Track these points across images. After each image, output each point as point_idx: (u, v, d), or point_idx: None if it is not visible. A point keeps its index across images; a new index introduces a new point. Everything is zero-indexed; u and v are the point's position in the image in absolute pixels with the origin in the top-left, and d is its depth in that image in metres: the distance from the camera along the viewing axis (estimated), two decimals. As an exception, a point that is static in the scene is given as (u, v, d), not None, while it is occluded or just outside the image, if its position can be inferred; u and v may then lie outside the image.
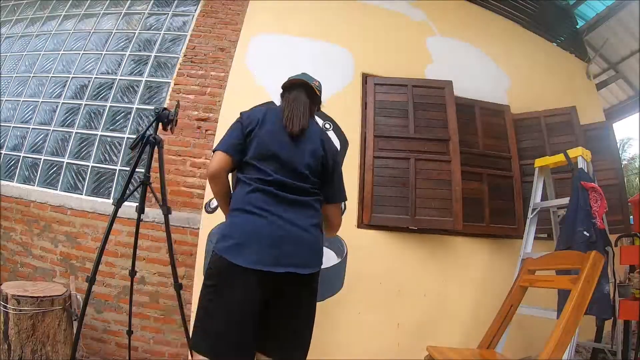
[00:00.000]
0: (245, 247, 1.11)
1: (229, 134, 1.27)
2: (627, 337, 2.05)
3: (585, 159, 1.96)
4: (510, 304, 1.67)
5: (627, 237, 2.63)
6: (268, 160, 1.21)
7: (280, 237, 1.13)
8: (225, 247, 1.13)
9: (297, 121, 1.26)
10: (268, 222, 1.14)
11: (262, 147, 1.22)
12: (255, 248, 1.11)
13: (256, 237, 1.13)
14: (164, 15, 2.85)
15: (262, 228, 1.14)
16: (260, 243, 1.12)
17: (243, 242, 1.13)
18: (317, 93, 1.45)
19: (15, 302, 1.59)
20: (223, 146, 1.24)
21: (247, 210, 1.16)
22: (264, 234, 1.13)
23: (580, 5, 4.17)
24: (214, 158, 1.24)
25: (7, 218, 2.46)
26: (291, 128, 1.25)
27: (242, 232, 1.14)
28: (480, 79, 3.00)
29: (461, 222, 2.25)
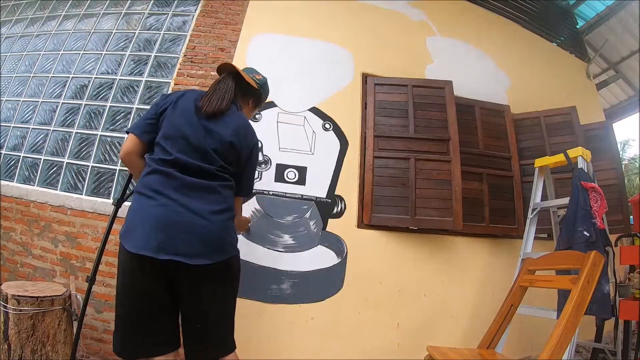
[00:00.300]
0: (132, 232, 1.05)
1: (143, 115, 1.24)
2: (627, 337, 2.05)
3: (585, 159, 1.96)
4: (510, 304, 1.67)
5: (627, 237, 2.63)
6: (174, 139, 1.14)
7: (168, 221, 1.04)
8: (121, 232, 1.08)
9: (214, 101, 1.19)
10: (157, 204, 1.06)
11: (170, 126, 1.16)
12: (140, 232, 1.03)
13: (141, 221, 1.05)
14: (164, 15, 2.85)
15: (149, 210, 1.06)
16: (144, 226, 1.03)
17: (131, 226, 1.06)
18: (252, 84, 1.37)
19: (15, 302, 1.59)
20: (133, 127, 1.21)
21: (140, 192, 1.10)
22: (149, 217, 1.05)
23: (580, 5, 4.17)
24: (125, 140, 1.21)
25: (7, 218, 2.46)
26: (205, 108, 1.17)
27: (131, 216, 1.08)
28: (480, 79, 3.00)
29: (461, 222, 2.25)
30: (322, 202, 2.28)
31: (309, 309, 2.11)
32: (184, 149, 1.13)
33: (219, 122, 1.19)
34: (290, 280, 2.12)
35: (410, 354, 2.16)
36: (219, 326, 1.15)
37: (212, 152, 1.15)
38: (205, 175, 1.13)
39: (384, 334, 2.21)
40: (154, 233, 1.02)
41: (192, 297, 1.09)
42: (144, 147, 1.20)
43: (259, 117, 2.34)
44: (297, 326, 2.08)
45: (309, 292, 2.13)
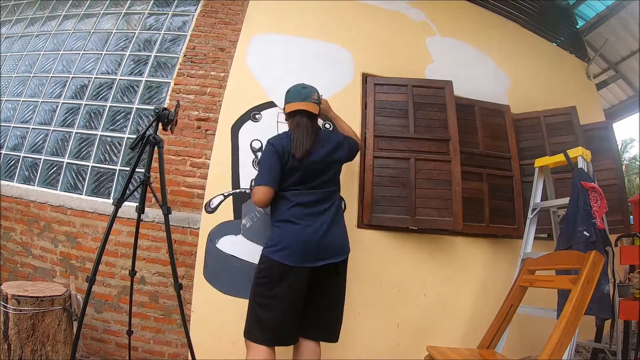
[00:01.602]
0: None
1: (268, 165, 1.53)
2: (627, 337, 2.05)
3: (585, 159, 1.96)
4: (510, 304, 1.67)
5: (627, 237, 2.63)
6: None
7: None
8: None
9: (300, 146, 1.48)
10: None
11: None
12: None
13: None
14: (164, 15, 2.85)
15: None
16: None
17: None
18: (318, 107, 1.64)
19: (15, 302, 1.59)
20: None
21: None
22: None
23: (580, 5, 4.17)
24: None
25: (7, 218, 2.46)
26: (298, 155, 1.47)
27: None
28: (480, 79, 3.00)
29: (461, 222, 2.25)
30: (322, 202, 2.28)
31: (309, 309, 2.11)
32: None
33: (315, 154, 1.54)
34: (290, 280, 2.12)
35: (410, 354, 2.16)
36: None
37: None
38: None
39: (384, 334, 2.21)
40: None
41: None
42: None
43: (259, 117, 2.34)
44: (297, 326, 2.08)
45: (309, 292, 2.13)
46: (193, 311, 1.98)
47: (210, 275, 2.01)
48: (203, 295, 1.99)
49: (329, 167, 1.57)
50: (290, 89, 1.67)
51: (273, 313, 1.38)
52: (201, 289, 2.00)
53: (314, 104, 1.62)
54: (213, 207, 2.09)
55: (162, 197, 1.64)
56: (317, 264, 1.40)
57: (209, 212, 2.09)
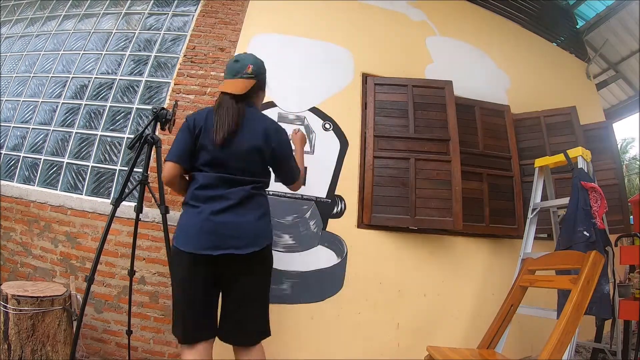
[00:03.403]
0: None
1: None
2: (627, 337, 2.05)
3: (585, 159, 1.96)
4: (510, 304, 1.67)
5: (627, 237, 2.63)
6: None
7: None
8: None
9: (219, 132, 1.32)
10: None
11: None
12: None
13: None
14: (164, 15, 2.85)
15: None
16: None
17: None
18: (248, 85, 1.40)
19: (15, 302, 1.59)
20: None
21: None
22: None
23: (580, 5, 4.17)
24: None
25: (7, 218, 2.46)
26: (217, 140, 1.31)
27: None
28: (480, 79, 3.00)
29: (461, 222, 2.25)
30: (322, 202, 2.28)
31: (309, 309, 2.11)
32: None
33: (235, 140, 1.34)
34: (290, 280, 2.12)
35: (410, 354, 2.16)
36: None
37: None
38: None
39: (384, 334, 2.21)
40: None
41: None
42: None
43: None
44: (297, 326, 2.08)
45: (309, 292, 2.13)
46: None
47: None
48: (203, 295, 1.98)
49: (248, 153, 1.35)
50: (227, 64, 1.48)
51: (179, 305, 1.28)
52: (201, 289, 1.99)
53: (245, 79, 1.39)
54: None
55: (159, 196, 1.64)
56: (214, 253, 1.22)
57: (209, 212, 2.09)
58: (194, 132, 1.34)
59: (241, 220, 1.30)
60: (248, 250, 1.27)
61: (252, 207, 1.33)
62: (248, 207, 1.32)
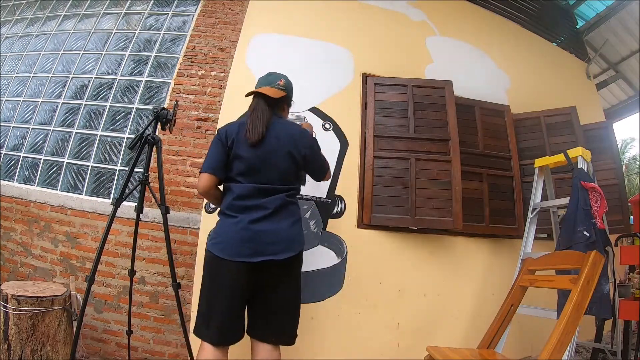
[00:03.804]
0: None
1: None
2: (627, 337, 2.05)
3: (585, 159, 1.96)
4: (510, 304, 1.67)
5: (627, 237, 2.63)
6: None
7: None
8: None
9: (254, 132, 1.39)
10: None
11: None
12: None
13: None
14: (164, 15, 2.85)
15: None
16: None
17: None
18: (280, 95, 1.52)
19: (15, 302, 1.59)
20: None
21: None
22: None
23: (580, 5, 4.17)
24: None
25: (7, 218, 2.46)
26: (250, 139, 1.38)
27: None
28: (480, 79, 3.00)
29: (461, 222, 2.25)
30: (322, 202, 2.28)
31: (309, 309, 2.11)
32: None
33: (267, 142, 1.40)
34: (290, 280, 2.12)
35: (410, 354, 2.15)
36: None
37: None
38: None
39: (384, 334, 2.20)
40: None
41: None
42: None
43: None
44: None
45: (309, 292, 2.13)
46: (193, 311, 1.97)
47: (210, 275, 2.01)
48: (203, 295, 1.98)
49: (280, 160, 1.41)
50: (259, 79, 1.60)
51: (213, 308, 1.34)
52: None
53: (277, 89, 1.51)
54: (213, 207, 2.09)
55: (160, 196, 1.64)
56: (254, 260, 1.30)
57: (209, 212, 2.09)
58: (227, 143, 1.41)
59: (277, 228, 1.37)
60: (285, 255, 1.34)
61: (286, 214, 1.40)
62: (283, 215, 1.39)
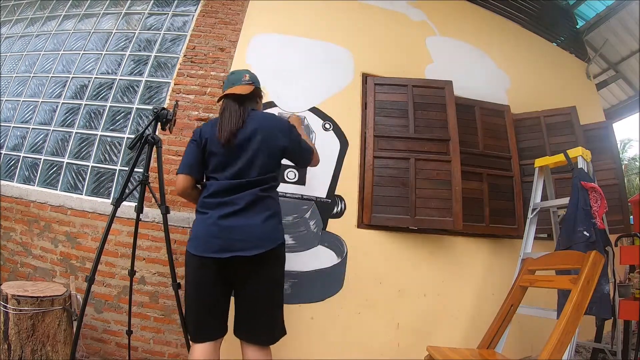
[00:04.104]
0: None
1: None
2: (627, 337, 2.05)
3: (585, 159, 1.96)
4: (510, 304, 1.67)
5: (627, 237, 2.63)
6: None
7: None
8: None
9: (223, 131, 1.39)
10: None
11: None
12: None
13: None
14: (164, 15, 2.85)
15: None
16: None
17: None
18: (248, 89, 1.52)
19: (15, 302, 1.59)
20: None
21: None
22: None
23: (580, 5, 4.17)
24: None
25: (7, 218, 2.46)
26: (222, 138, 1.38)
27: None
28: (480, 79, 3.00)
29: (461, 222, 2.25)
30: (322, 202, 2.28)
31: (309, 309, 2.11)
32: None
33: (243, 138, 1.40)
34: (290, 280, 2.12)
35: (410, 354, 2.16)
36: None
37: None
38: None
39: (384, 334, 2.21)
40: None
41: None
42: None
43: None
44: (297, 326, 2.08)
45: (309, 292, 2.13)
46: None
47: (210, 275, 2.01)
48: (203, 295, 1.98)
49: (255, 154, 1.39)
50: (224, 81, 1.61)
51: (190, 305, 1.36)
52: (201, 289, 1.99)
53: (244, 85, 1.51)
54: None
55: (160, 196, 1.64)
56: (222, 255, 1.28)
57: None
58: (201, 142, 1.42)
59: (247, 223, 1.34)
60: (256, 252, 1.31)
61: (259, 209, 1.37)
62: (255, 210, 1.36)
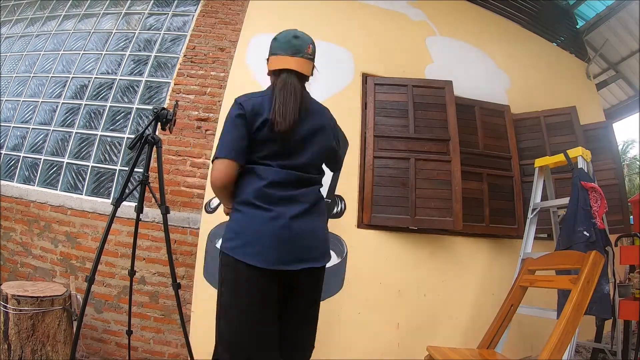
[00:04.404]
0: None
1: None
2: (627, 337, 2.05)
3: (585, 159, 1.96)
4: (510, 304, 1.67)
5: (627, 237, 2.63)
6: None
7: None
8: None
9: (285, 116, 1.09)
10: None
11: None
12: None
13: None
14: (164, 15, 2.85)
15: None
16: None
17: None
18: (311, 66, 1.25)
19: (15, 302, 1.59)
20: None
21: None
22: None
23: (580, 5, 4.17)
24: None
25: (7, 218, 2.46)
26: (282, 126, 1.07)
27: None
28: (480, 79, 3.00)
29: (461, 222, 2.25)
30: (322, 202, 2.28)
31: (309, 309, 2.11)
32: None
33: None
34: (290, 280, 2.11)
35: (410, 354, 2.15)
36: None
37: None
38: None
39: (384, 334, 2.20)
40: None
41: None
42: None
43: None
44: (297, 326, 2.08)
45: (309, 292, 2.13)
46: (193, 311, 1.98)
47: (210, 275, 2.01)
48: (203, 295, 1.99)
49: (316, 145, 1.17)
50: (278, 37, 1.23)
51: (242, 333, 1.01)
52: (201, 289, 2.00)
53: (307, 59, 1.21)
54: (213, 207, 2.09)
55: (160, 196, 1.64)
56: (296, 267, 1.03)
57: (209, 212, 2.09)
58: (254, 120, 1.08)
59: (315, 228, 1.13)
60: (324, 262, 1.13)
61: (320, 211, 1.17)
62: (317, 212, 1.15)
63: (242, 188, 1.11)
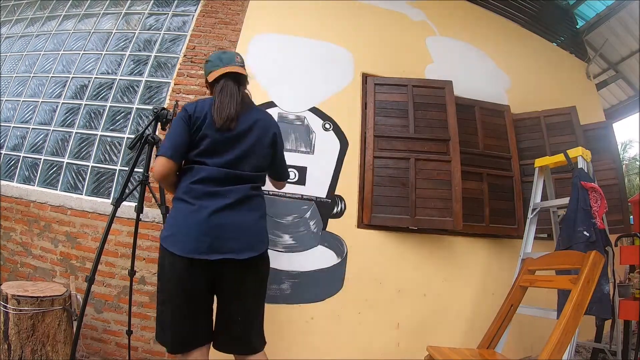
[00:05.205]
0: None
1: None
2: (627, 337, 2.05)
3: (585, 159, 1.96)
4: (510, 304, 1.67)
5: (627, 237, 2.63)
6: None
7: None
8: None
9: (222, 112, 1.24)
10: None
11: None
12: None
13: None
14: (164, 15, 2.85)
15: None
16: None
17: None
18: (244, 69, 1.39)
19: (15, 302, 1.59)
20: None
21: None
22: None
23: (580, 5, 4.17)
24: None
25: (7, 218, 2.46)
26: (218, 123, 1.22)
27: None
28: (480, 79, 3.00)
29: (461, 222, 2.25)
30: (322, 202, 2.28)
31: (309, 309, 2.11)
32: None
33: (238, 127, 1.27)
34: (290, 280, 2.12)
35: (410, 354, 2.16)
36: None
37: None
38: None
39: (384, 334, 2.21)
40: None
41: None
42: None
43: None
44: (297, 326, 2.08)
45: (309, 292, 2.13)
46: (193, 311, 1.98)
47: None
48: (203, 295, 1.98)
49: (254, 145, 1.28)
50: (208, 59, 1.40)
51: (167, 312, 1.16)
52: (201, 289, 1.99)
53: (239, 66, 1.36)
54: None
55: (160, 196, 1.64)
56: (212, 257, 1.13)
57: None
58: (195, 121, 1.23)
59: (241, 221, 1.20)
60: (247, 255, 1.19)
61: (251, 207, 1.25)
62: (247, 208, 1.24)
63: (178, 185, 1.26)
